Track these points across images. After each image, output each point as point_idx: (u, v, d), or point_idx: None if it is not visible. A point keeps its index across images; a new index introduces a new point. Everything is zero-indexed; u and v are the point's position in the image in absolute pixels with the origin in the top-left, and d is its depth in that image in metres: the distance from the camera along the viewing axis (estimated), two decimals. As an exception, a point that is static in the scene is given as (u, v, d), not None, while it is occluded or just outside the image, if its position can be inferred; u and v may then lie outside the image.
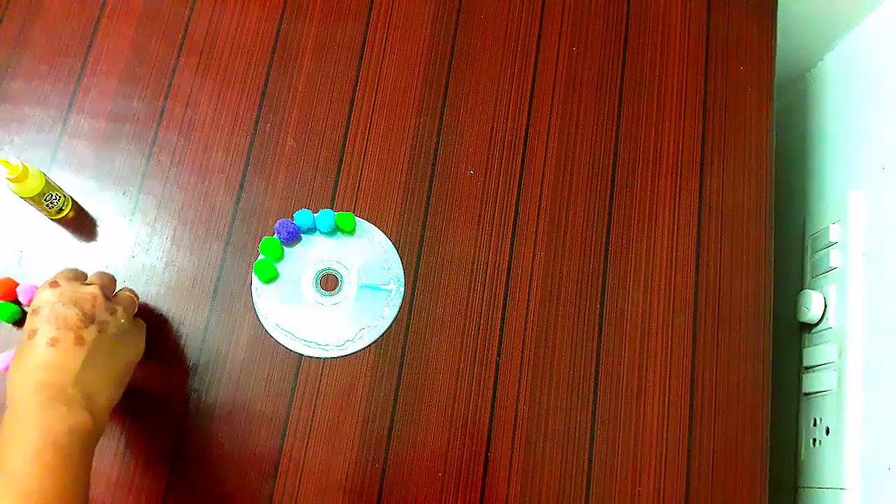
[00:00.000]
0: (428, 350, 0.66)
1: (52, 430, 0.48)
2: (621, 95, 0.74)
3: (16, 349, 0.53)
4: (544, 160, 0.72)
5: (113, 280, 0.60)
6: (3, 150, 0.69)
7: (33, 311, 0.53)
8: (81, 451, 0.49)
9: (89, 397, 0.51)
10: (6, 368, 0.61)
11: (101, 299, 0.54)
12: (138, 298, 0.61)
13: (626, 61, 0.75)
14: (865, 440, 0.66)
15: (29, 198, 0.63)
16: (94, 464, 0.61)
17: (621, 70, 0.75)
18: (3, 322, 0.64)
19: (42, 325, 0.52)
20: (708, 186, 0.72)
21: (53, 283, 0.54)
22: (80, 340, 0.52)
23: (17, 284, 0.64)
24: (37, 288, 0.64)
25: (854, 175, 0.76)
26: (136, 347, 0.58)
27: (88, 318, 0.53)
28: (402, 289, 0.67)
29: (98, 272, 0.59)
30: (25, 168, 0.61)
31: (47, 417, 0.49)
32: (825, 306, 0.73)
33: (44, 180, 0.63)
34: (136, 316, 0.60)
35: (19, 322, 0.64)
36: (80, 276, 0.58)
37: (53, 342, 0.51)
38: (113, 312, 0.55)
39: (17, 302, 0.64)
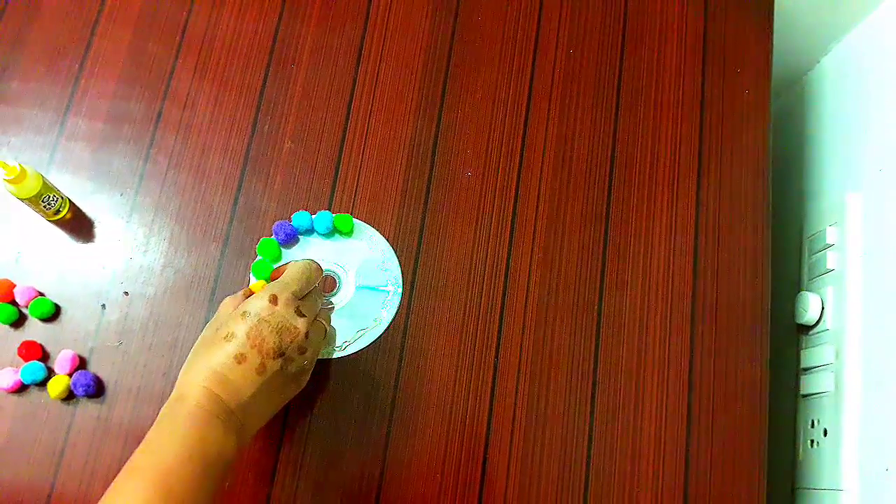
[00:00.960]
0: (426, 351, 0.66)
1: (206, 444, 0.48)
2: (618, 97, 0.74)
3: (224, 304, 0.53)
4: (541, 162, 0.72)
5: (321, 299, 0.58)
6: (1, 152, 0.69)
7: (243, 313, 0.52)
8: (222, 473, 0.49)
9: (244, 426, 0.51)
10: (10, 388, 0.62)
11: (301, 339, 0.53)
12: (329, 322, 0.60)
13: (623, 64, 0.75)
14: (863, 441, 0.66)
15: (26, 199, 0.63)
16: (92, 465, 0.61)
17: (618, 72, 0.75)
18: (1, 323, 0.64)
19: (240, 334, 0.51)
20: (705, 188, 0.72)
21: (274, 298, 0.53)
22: (262, 369, 0.51)
23: (14, 286, 0.64)
24: (34, 291, 0.64)
25: (851, 177, 0.76)
26: (300, 384, 0.57)
27: (279, 352, 0.52)
28: (399, 290, 0.67)
29: (317, 289, 0.58)
30: (23, 169, 0.61)
31: (207, 430, 0.49)
32: (822, 308, 0.73)
33: (41, 182, 0.62)
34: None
35: (15, 323, 0.64)
36: (307, 286, 0.56)
37: (241, 359, 0.51)
38: (303, 352, 0.54)
39: (13, 303, 0.64)
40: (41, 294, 0.65)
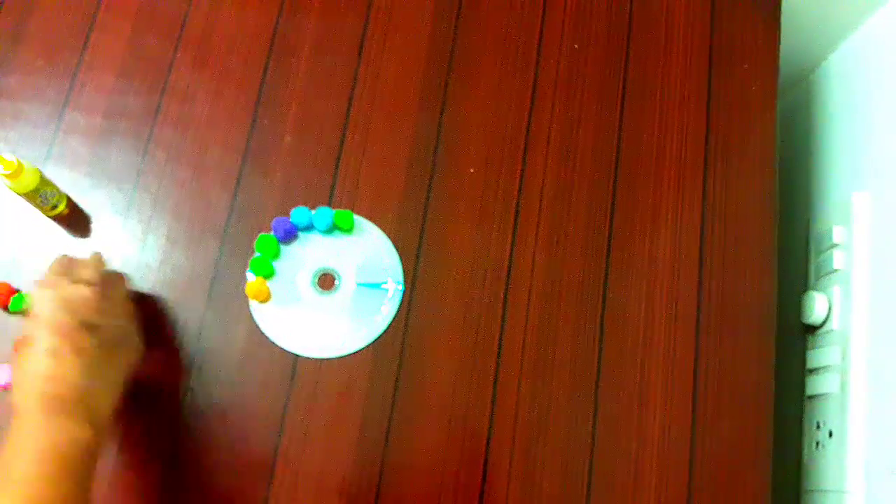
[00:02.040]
0: (426, 350, 0.65)
1: (55, 442, 0.48)
2: (624, 93, 0.74)
3: (12, 362, 0.53)
4: (545, 158, 0.71)
5: (102, 264, 0.58)
6: (-2, 146, 0.69)
7: (31, 315, 0.53)
8: (84, 462, 0.49)
9: (91, 407, 0.51)
10: (5, 385, 0.61)
11: (95, 301, 0.54)
12: (128, 281, 0.60)
13: (629, 59, 0.75)
14: (868, 443, 0.65)
15: (24, 194, 0.62)
16: (87, 464, 0.61)
17: (624, 68, 0.74)
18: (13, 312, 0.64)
19: (40, 332, 0.52)
20: (711, 186, 0.71)
21: (46, 284, 0.54)
22: (78, 350, 0.51)
23: (15, 292, 0.63)
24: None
25: (858, 176, 0.75)
26: (134, 347, 0.58)
27: (86, 325, 0.52)
28: (400, 288, 0.67)
29: (88, 258, 0.58)
30: (20, 164, 0.60)
31: (51, 430, 0.49)
32: (829, 308, 0.72)
33: (39, 177, 0.62)
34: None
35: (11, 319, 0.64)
36: (71, 267, 0.56)
37: (53, 352, 0.51)
38: (109, 314, 0.54)
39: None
40: (17, 291, 0.64)
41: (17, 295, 0.63)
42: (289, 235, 0.67)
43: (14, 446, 0.49)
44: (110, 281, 0.58)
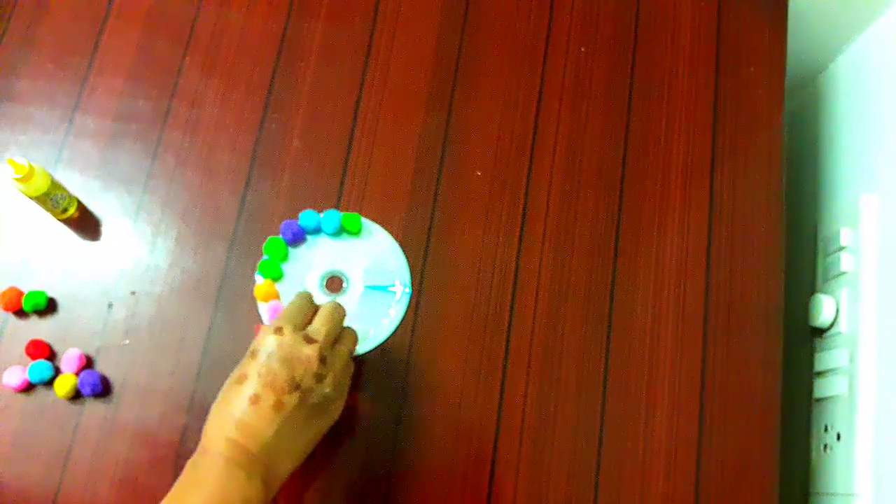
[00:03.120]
0: (434, 352, 0.65)
1: (227, 494, 0.48)
2: (631, 96, 0.74)
3: (223, 388, 0.53)
4: (552, 161, 0.71)
5: (339, 323, 0.56)
6: (10, 150, 0.69)
7: (252, 352, 0.52)
8: None
9: (270, 467, 0.51)
10: (20, 386, 0.61)
11: (314, 365, 0.52)
12: (355, 345, 0.58)
13: (636, 62, 0.75)
14: (877, 446, 0.65)
15: (34, 197, 0.63)
16: (98, 464, 0.61)
17: (631, 70, 0.74)
18: (28, 311, 0.64)
19: (252, 374, 0.51)
20: (718, 188, 0.71)
21: (279, 330, 0.53)
22: (279, 406, 0.50)
23: (23, 294, 0.64)
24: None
25: (867, 178, 0.75)
26: (333, 414, 0.56)
27: (294, 384, 0.51)
28: (408, 290, 0.67)
29: (328, 310, 0.56)
30: (31, 167, 0.61)
31: (227, 480, 0.49)
32: (836, 311, 0.72)
33: (49, 180, 0.63)
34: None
35: (42, 313, 0.64)
36: (306, 315, 0.55)
37: (255, 399, 0.50)
38: (321, 380, 0.53)
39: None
40: (24, 294, 0.64)
41: (28, 293, 0.64)
42: (297, 238, 0.67)
43: (189, 484, 0.49)
44: (338, 343, 0.56)
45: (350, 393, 0.57)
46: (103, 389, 0.62)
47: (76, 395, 0.62)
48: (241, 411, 0.50)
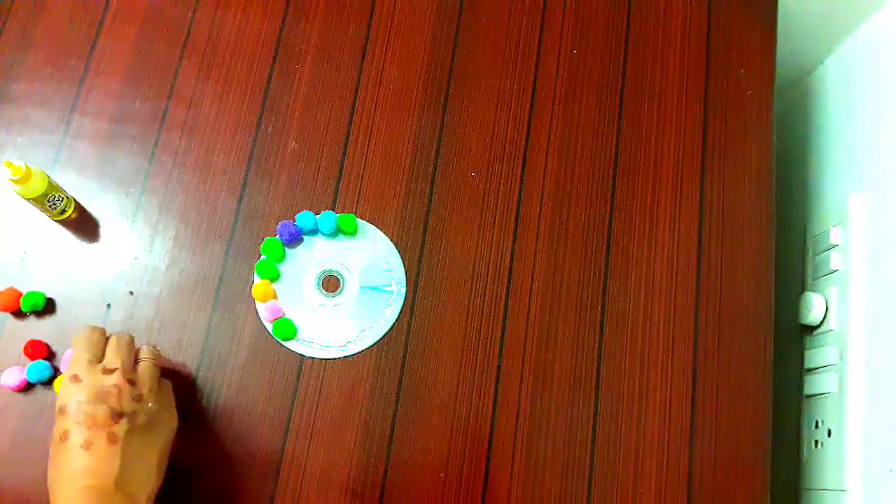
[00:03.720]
0: (429, 351, 0.66)
1: None
2: (622, 98, 0.74)
3: (49, 460, 0.52)
4: (545, 162, 0.72)
5: (131, 347, 0.57)
6: (7, 152, 0.69)
7: (60, 410, 0.52)
8: None
9: (132, 496, 0.51)
10: (17, 386, 0.62)
11: (126, 389, 0.53)
12: (159, 359, 0.59)
13: (627, 64, 0.76)
14: (867, 442, 0.66)
15: (32, 199, 0.63)
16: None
17: (622, 72, 0.75)
18: (26, 312, 0.64)
19: (72, 427, 0.51)
20: (709, 189, 0.72)
21: (74, 378, 0.53)
22: (113, 438, 0.51)
23: (21, 294, 0.64)
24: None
25: (855, 178, 0.76)
26: (168, 424, 0.57)
27: (117, 414, 0.52)
28: (403, 290, 0.67)
29: (115, 340, 0.57)
30: (28, 169, 0.61)
31: None
32: (826, 308, 0.73)
33: (47, 181, 0.63)
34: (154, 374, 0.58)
35: (40, 313, 0.64)
36: (97, 349, 0.56)
37: (87, 445, 0.51)
38: (139, 399, 0.54)
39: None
40: (23, 294, 0.64)
41: (27, 294, 0.64)
42: (294, 239, 0.67)
43: None
44: (133, 355, 0.57)
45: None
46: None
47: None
48: (80, 461, 0.50)
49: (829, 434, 0.69)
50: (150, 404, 0.54)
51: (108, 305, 0.65)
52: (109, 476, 0.50)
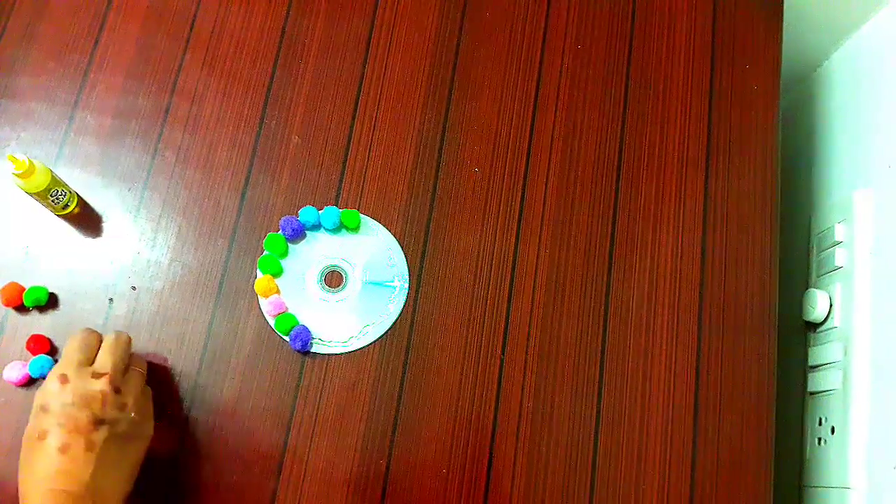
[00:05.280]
0: (432, 347, 0.66)
1: None
2: (626, 93, 0.74)
3: (21, 453, 0.52)
4: (549, 157, 0.72)
5: (126, 350, 0.57)
6: (10, 146, 0.69)
7: (41, 407, 0.52)
8: None
9: (102, 502, 0.51)
10: (20, 381, 0.62)
11: (111, 398, 0.53)
12: (146, 367, 0.59)
13: (632, 59, 0.75)
14: (871, 439, 0.65)
15: (35, 193, 0.63)
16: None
17: (626, 67, 0.75)
18: (28, 306, 0.64)
19: (52, 427, 0.51)
20: (713, 185, 0.72)
21: (62, 377, 0.53)
22: (90, 445, 0.51)
23: (23, 289, 0.64)
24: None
25: (860, 174, 0.75)
26: (145, 435, 0.56)
27: (98, 421, 0.52)
28: (406, 286, 0.67)
29: (112, 342, 0.57)
30: (32, 164, 0.61)
31: None
32: (830, 305, 0.73)
33: (50, 176, 0.63)
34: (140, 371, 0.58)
35: (42, 308, 0.64)
36: (90, 352, 0.55)
37: (64, 448, 0.50)
38: (122, 408, 0.53)
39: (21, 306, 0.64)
40: (25, 289, 0.64)
41: (29, 289, 0.64)
42: (297, 234, 0.67)
43: None
44: (128, 369, 0.57)
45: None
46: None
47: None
48: (54, 464, 0.50)
49: (833, 431, 0.69)
50: (132, 414, 0.54)
51: (111, 300, 0.65)
52: (80, 482, 0.50)
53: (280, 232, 0.67)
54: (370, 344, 0.66)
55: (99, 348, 0.56)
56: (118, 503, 0.53)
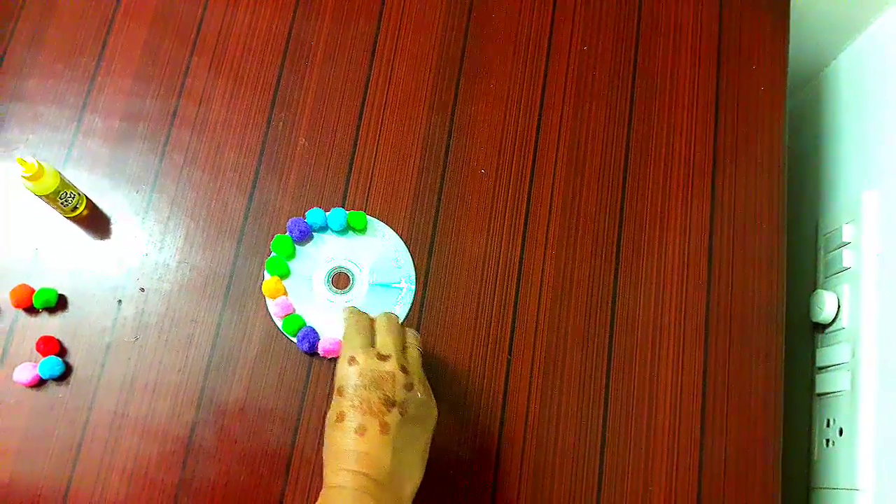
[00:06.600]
0: (439, 348, 0.66)
1: None
2: (633, 94, 0.74)
3: (324, 436, 0.53)
4: (555, 159, 0.72)
5: (401, 331, 0.57)
6: (19, 149, 0.70)
7: (338, 390, 0.52)
8: None
9: (397, 491, 0.51)
10: (30, 382, 0.62)
11: (400, 377, 0.53)
12: (420, 342, 0.58)
13: (638, 60, 0.75)
14: (879, 441, 0.65)
15: (44, 196, 0.63)
16: (108, 459, 0.62)
17: (633, 69, 0.75)
18: (38, 308, 0.64)
19: (348, 409, 0.51)
20: (720, 186, 0.72)
21: (352, 360, 0.53)
22: (385, 427, 0.51)
23: (33, 290, 0.64)
24: None
25: (867, 175, 0.75)
26: (432, 415, 0.55)
27: (390, 402, 0.51)
28: (413, 287, 0.67)
29: (386, 322, 0.57)
30: (41, 166, 0.61)
31: None
32: (838, 306, 0.72)
33: (59, 178, 0.63)
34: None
35: (52, 309, 0.65)
36: (366, 332, 0.55)
37: (362, 430, 0.50)
38: (410, 388, 0.53)
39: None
40: (35, 291, 0.65)
41: (39, 291, 0.64)
42: (304, 236, 0.68)
43: None
44: (406, 347, 0.57)
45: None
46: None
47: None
48: (353, 445, 0.50)
49: (841, 433, 0.69)
50: (419, 394, 0.54)
51: (119, 302, 0.66)
52: (380, 466, 0.50)
53: (287, 233, 0.67)
54: (377, 345, 0.66)
55: (371, 326, 0.56)
56: (411, 494, 0.52)
